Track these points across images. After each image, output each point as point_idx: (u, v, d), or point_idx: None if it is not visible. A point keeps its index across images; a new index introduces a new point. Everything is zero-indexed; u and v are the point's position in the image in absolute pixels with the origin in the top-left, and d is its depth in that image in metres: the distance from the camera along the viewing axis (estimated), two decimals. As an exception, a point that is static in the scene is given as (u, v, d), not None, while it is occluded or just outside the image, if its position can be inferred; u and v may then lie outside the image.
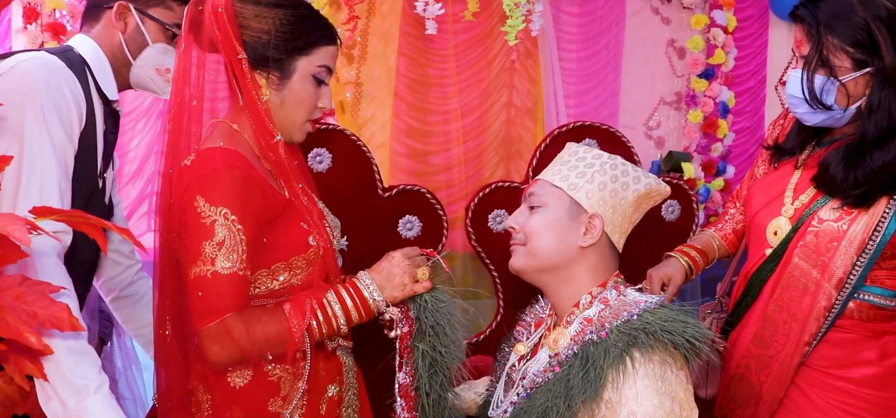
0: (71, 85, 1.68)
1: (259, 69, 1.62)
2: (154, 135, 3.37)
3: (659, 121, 4.12)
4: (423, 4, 3.37)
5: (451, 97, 3.68)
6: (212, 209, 1.49)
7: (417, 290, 1.65)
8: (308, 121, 1.69)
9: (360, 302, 1.61)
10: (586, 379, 1.45)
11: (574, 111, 3.90)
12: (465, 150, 3.71)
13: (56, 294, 1.15)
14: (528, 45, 3.76)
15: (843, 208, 1.82)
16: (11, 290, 1.12)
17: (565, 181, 1.59)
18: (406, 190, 2.70)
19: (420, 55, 3.58)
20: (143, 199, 3.38)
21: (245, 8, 1.61)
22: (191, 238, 1.51)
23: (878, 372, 1.84)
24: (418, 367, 1.64)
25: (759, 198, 1.98)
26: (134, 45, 1.84)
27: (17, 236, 0.97)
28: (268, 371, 1.61)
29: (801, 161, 1.94)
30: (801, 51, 1.83)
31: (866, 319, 1.85)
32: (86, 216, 1.11)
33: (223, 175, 1.52)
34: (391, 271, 1.63)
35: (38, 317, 1.12)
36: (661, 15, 4.02)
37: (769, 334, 1.91)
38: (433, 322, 1.64)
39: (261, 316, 1.54)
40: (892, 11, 1.76)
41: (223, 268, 1.49)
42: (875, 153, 1.77)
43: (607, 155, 1.64)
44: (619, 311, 1.50)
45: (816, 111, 1.81)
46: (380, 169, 2.66)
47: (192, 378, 1.66)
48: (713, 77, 4.01)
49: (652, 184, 1.63)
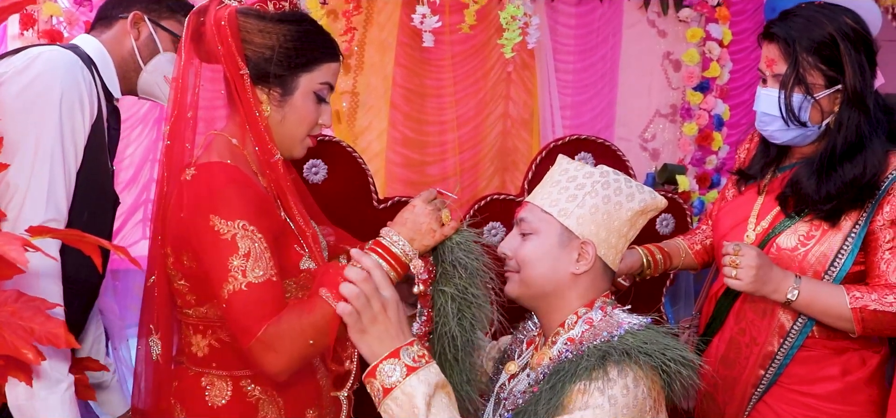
0: (85, 77, 1.75)
1: (260, 84, 1.58)
2: (150, 143, 3.36)
3: (654, 133, 4.13)
4: (421, 16, 3.37)
5: (447, 108, 3.68)
6: (229, 224, 1.46)
7: (447, 233, 1.58)
8: (308, 136, 1.67)
9: (393, 260, 1.53)
10: (552, 392, 1.42)
11: (570, 122, 3.91)
12: (460, 161, 3.71)
13: (52, 310, 1.15)
14: (524, 56, 3.77)
15: (799, 238, 1.84)
16: (8, 306, 1.12)
17: (555, 206, 1.55)
18: (401, 201, 2.70)
19: (417, 66, 3.58)
20: (138, 207, 3.37)
21: (248, 22, 1.57)
22: (214, 258, 1.47)
23: (840, 388, 1.89)
24: (445, 312, 1.56)
25: (724, 222, 2.03)
26: (146, 52, 1.93)
27: (14, 256, 0.98)
28: (247, 392, 1.59)
29: (762, 186, 1.98)
30: (774, 69, 1.85)
31: (828, 338, 1.89)
32: (82, 234, 1.11)
33: (232, 190, 1.49)
34: (417, 220, 1.56)
35: (34, 333, 1.12)
36: (657, 27, 4.03)
37: (733, 356, 1.97)
38: (464, 262, 1.57)
39: (301, 309, 1.48)
40: (857, 31, 1.82)
41: (256, 277, 1.46)
42: (845, 165, 1.81)
43: (599, 171, 1.60)
44: (600, 331, 1.48)
45: (790, 128, 1.84)
46: (375, 178, 2.67)
47: (170, 394, 1.63)
48: (708, 90, 4.03)
49: (647, 200, 1.58)
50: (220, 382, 1.61)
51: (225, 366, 1.61)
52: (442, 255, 1.59)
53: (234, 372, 1.61)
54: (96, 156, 1.80)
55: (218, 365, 1.61)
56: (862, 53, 1.82)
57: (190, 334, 1.63)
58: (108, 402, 2.23)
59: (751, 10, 4.04)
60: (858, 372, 1.89)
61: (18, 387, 1.51)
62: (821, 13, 1.83)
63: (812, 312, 1.80)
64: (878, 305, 1.75)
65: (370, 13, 3.45)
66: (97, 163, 1.81)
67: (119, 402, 2.24)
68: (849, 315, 1.76)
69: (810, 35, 1.80)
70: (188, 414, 1.61)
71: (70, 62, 1.73)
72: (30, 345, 1.08)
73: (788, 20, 1.85)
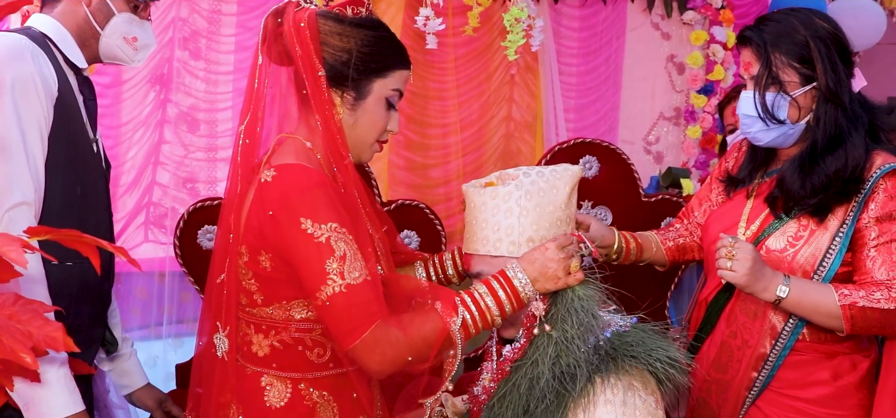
0: (36, 56, 1.74)
1: (335, 87, 1.60)
2: (151, 146, 3.36)
3: (658, 136, 4.12)
4: (424, 19, 3.36)
5: (450, 110, 3.67)
6: (321, 227, 1.47)
7: (570, 284, 1.57)
8: (376, 142, 1.68)
9: (513, 293, 1.54)
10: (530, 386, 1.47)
11: (574, 125, 3.90)
12: (463, 164, 3.71)
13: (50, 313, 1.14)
14: (528, 59, 3.76)
15: (788, 239, 1.87)
16: (5, 309, 1.11)
17: (498, 248, 1.59)
18: (404, 205, 2.70)
19: (420, 68, 3.57)
20: (140, 209, 3.37)
21: (327, 24, 1.59)
22: (308, 261, 1.47)
23: (831, 392, 1.90)
24: (543, 351, 1.55)
25: (715, 227, 2.06)
26: (101, 16, 1.92)
27: (13, 257, 0.96)
28: (305, 395, 1.61)
29: (751, 190, 2.02)
30: (750, 71, 1.91)
31: (819, 341, 1.90)
32: (79, 235, 1.10)
33: (320, 193, 1.50)
34: (546, 264, 1.55)
35: (32, 337, 1.10)
36: (661, 30, 4.02)
37: (726, 360, 1.97)
38: (579, 315, 1.56)
39: (413, 318, 1.50)
40: (828, 31, 1.87)
41: (354, 279, 1.47)
42: (828, 159, 1.85)
43: (513, 186, 1.61)
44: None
45: (770, 127, 1.89)
46: (378, 181, 2.66)
47: (226, 392, 1.64)
48: (712, 93, 4.02)
49: (559, 180, 1.61)
50: (279, 384, 1.62)
51: (285, 368, 1.62)
52: (561, 298, 1.59)
53: (293, 373, 1.62)
54: (74, 129, 1.81)
55: (278, 367, 1.62)
56: (833, 51, 1.86)
57: (251, 333, 1.63)
58: (127, 374, 2.24)
59: (755, 13, 4.03)
60: (849, 376, 1.90)
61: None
62: (793, 16, 1.90)
63: (801, 311, 1.82)
64: (866, 302, 1.77)
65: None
66: (77, 135, 1.82)
67: (137, 375, 2.26)
68: (838, 312, 1.78)
69: (782, 35, 1.87)
70: (245, 413, 1.62)
71: (16, 46, 1.72)
72: (28, 349, 1.07)
73: (761, 25, 1.92)
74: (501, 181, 1.62)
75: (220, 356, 1.64)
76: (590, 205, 3.18)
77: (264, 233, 1.52)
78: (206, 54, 3.46)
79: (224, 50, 3.52)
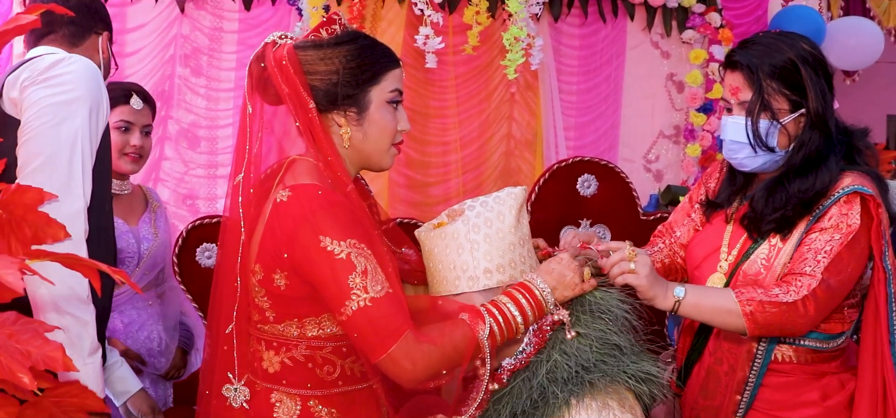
0: (103, 87, 1.89)
1: (335, 110, 1.61)
2: (152, 163, 3.36)
3: (658, 154, 4.13)
4: (424, 38, 3.38)
5: (450, 129, 3.68)
6: (341, 244, 1.49)
7: (585, 289, 1.67)
8: (392, 145, 1.69)
9: (535, 303, 1.60)
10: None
11: (573, 144, 3.91)
12: (463, 182, 3.71)
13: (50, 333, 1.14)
14: (528, 77, 3.77)
15: (761, 262, 1.86)
16: (5, 329, 1.11)
17: (458, 285, 1.62)
18: (404, 223, 2.69)
19: (420, 86, 3.59)
20: (141, 226, 3.37)
21: (307, 54, 1.60)
22: (330, 278, 1.49)
23: (819, 413, 1.89)
24: (554, 346, 1.63)
25: (697, 252, 2.04)
26: (105, 71, 2.09)
27: (10, 280, 0.97)
28: (314, 412, 1.62)
29: (729, 215, 2.00)
30: (739, 97, 1.88)
31: (805, 362, 1.89)
32: (78, 258, 1.10)
33: (337, 211, 1.52)
34: (563, 273, 1.65)
35: (31, 357, 1.10)
36: (660, 49, 4.04)
37: (713, 386, 1.96)
38: (595, 320, 1.66)
39: (442, 328, 1.54)
40: (816, 57, 1.86)
41: (377, 292, 1.49)
42: (795, 182, 1.84)
43: (460, 223, 1.64)
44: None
45: (758, 154, 1.87)
46: (379, 199, 2.66)
47: (237, 411, 1.65)
48: (712, 111, 4.03)
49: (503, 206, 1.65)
50: (289, 401, 1.63)
51: (295, 385, 1.63)
52: (577, 303, 1.68)
53: (303, 390, 1.63)
54: (106, 154, 1.94)
55: (288, 383, 1.63)
56: (821, 77, 1.86)
57: (261, 349, 1.64)
58: (122, 380, 2.29)
59: (754, 32, 4.05)
60: (838, 395, 1.89)
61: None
62: (780, 40, 1.88)
63: (702, 313, 1.80)
64: (764, 296, 1.75)
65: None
66: (107, 160, 1.96)
67: (132, 380, 2.31)
68: (737, 309, 1.75)
69: (772, 61, 1.84)
70: None
71: (93, 68, 1.86)
72: (26, 370, 1.07)
73: (749, 48, 1.89)
74: (451, 218, 1.67)
75: (237, 407, 1.64)
76: (589, 224, 3.17)
77: (280, 252, 1.54)
78: (207, 71, 3.48)
79: (225, 67, 3.53)
